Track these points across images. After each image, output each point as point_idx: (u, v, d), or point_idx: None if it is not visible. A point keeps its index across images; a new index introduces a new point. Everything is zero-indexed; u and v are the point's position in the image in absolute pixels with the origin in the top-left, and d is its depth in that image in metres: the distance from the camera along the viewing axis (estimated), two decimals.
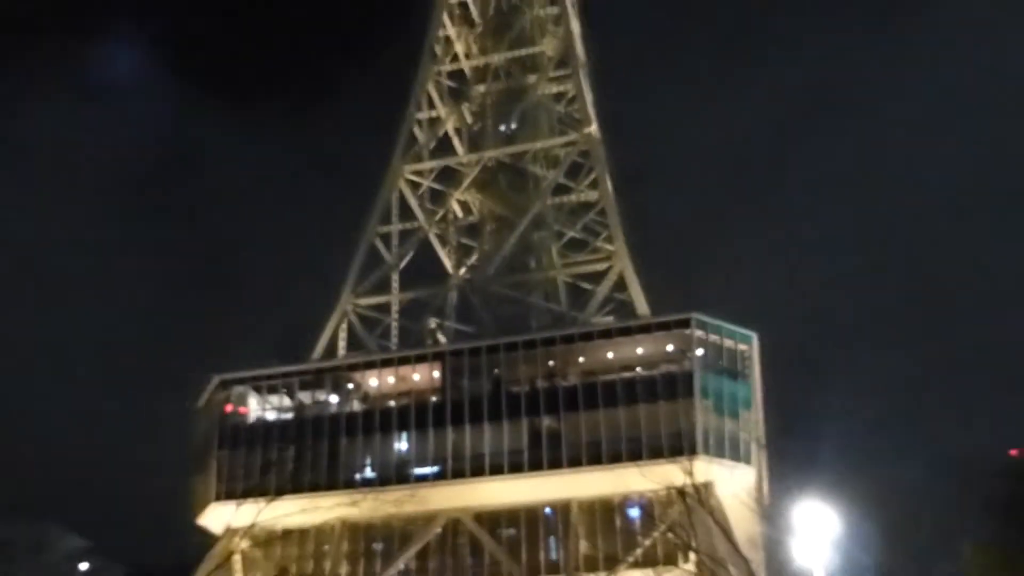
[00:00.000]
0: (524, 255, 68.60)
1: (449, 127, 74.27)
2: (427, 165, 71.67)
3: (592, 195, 68.62)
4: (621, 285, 62.70)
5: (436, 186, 71.84)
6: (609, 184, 67.09)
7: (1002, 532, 37.02)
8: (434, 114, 73.77)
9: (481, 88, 74.72)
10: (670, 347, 54.39)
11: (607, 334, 55.78)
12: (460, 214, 73.59)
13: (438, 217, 70.68)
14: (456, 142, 74.67)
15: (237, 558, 52.82)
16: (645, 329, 55.32)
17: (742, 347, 54.45)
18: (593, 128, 68.57)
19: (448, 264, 71.27)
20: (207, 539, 54.65)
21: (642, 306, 60.08)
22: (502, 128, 71.63)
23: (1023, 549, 35.96)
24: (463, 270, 70.65)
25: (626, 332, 55.38)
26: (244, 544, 50.86)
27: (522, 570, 52.59)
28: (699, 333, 53.23)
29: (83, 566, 61.46)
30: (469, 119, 75.53)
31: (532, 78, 72.78)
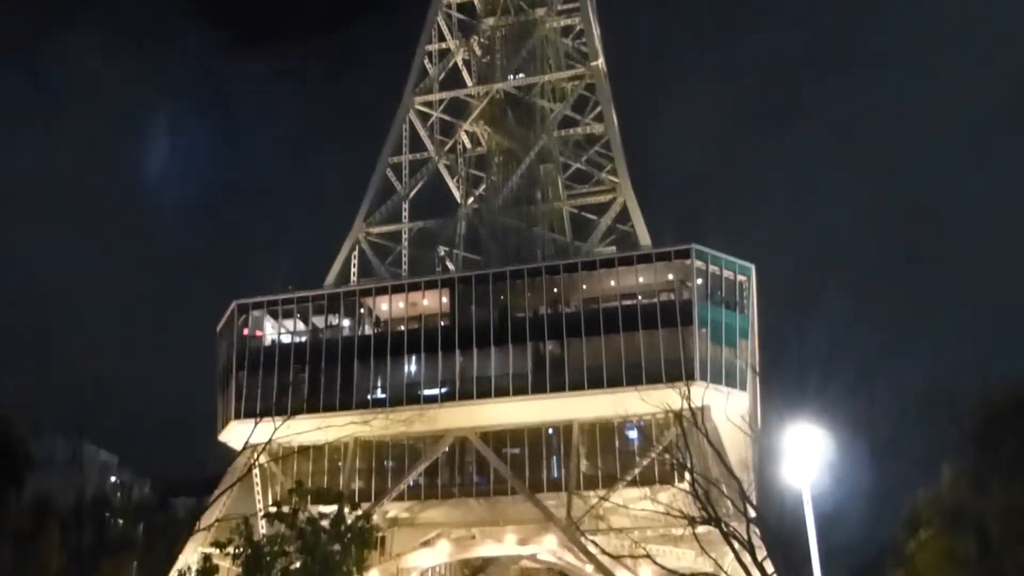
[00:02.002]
0: (530, 187, 69.65)
1: (458, 59, 74.87)
2: (436, 96, 72.26)
3: (598, 128, 69.45)
4: (624, 216, 64.06)
5: (445, 117, 72.54)
6: (614, 118, 68.09)
7: (977, 458, 38.68)
8: (444, 46, 74.33)
9: (490, 21, 74.95)
10: (670, 277, 55.67)
11: (609, 263, 57.06)
12: (469, 145, 74.62)
13: (447, 148, 71.64)
14: (465, 74, 75.39)
15: (256, 472, 55.33)
16: (646, 259, 56.37)
17: (741, 278, 55.75)
18: (600, 62, 69.17)
19: (457, 195, 72.48)
20: (229, 455, 57.11)
21: (644, 237, 61.39)
22: (510, 77, 71.93)
23: (994, 474, 37.80)
24: (471, 200, 71.88)
25: (628, 262, 56.49)
26: (263, 459, 53.15)
27: (525, 487, 54.89)
28: (699, 264, 54.46)
29: (112, 479, 64.24)
30: (478, 52, 75.99)
31: (540, 12, 73.03)
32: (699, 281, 54.33)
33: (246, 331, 59.95)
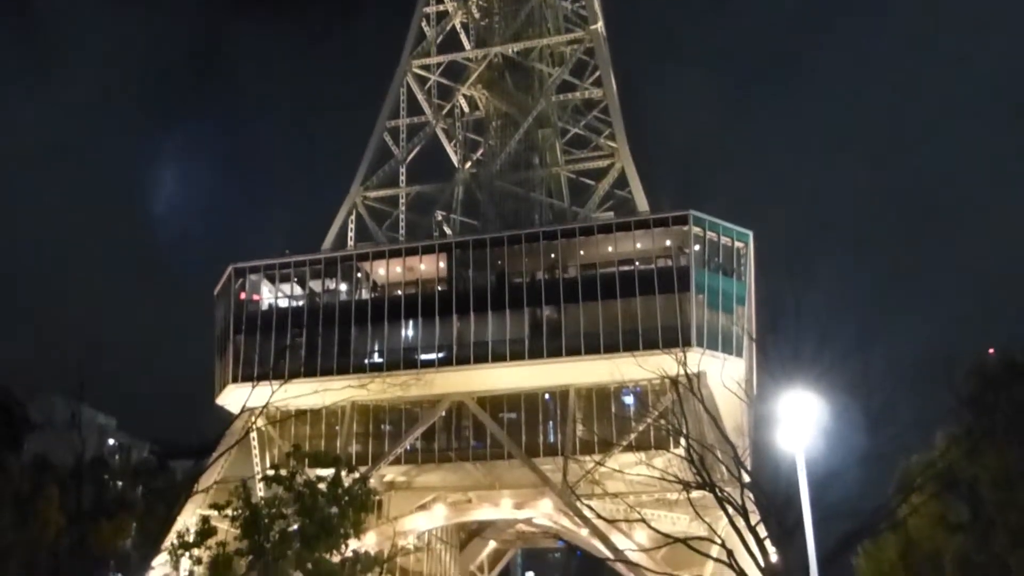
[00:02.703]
0: (528, 152, 69.46)
1: (456, 22, 74.21)
2: (434, 59, 71.80)
3: (596, 93, 69.04)
4: (622, 182, 63.96)
5: (443, 81, 72.18)
6: (613, 82, 67.66)
7: (971, 424, 38.88)
8: (441, 8, 73.63)
9: None
10: (668, 243, 55.73)
11: (607, 229, 56.97)
12: (467, 109, 74.22)
13: (445, 112, 71.24)
14: (463, 37, 74.76)
15: (253, 435, 55.58)
16: (644, 225, 56.38)
17: (738, 245, 55.76)
18: (599, 26, 68.67)
19: (455, 159, 72.22)
20: (227, 418, 57.31)
21: (642, 202, 61.35)
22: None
23: (987, 440, 38.02)
24: (469, 165, 71.63)
25: (625, 227, 56.47)
26: (260, 423, 53.36)
27: (522, 451, 55.18)
28: (696, 230, 54.47)
29: (111, 441, 64.56)
30: (476, 14, 75.32)
31: None
32: (696, 247, 54.34)
33: (243, 295, 59.95)
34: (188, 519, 44.50)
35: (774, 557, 31.78)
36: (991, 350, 52.02)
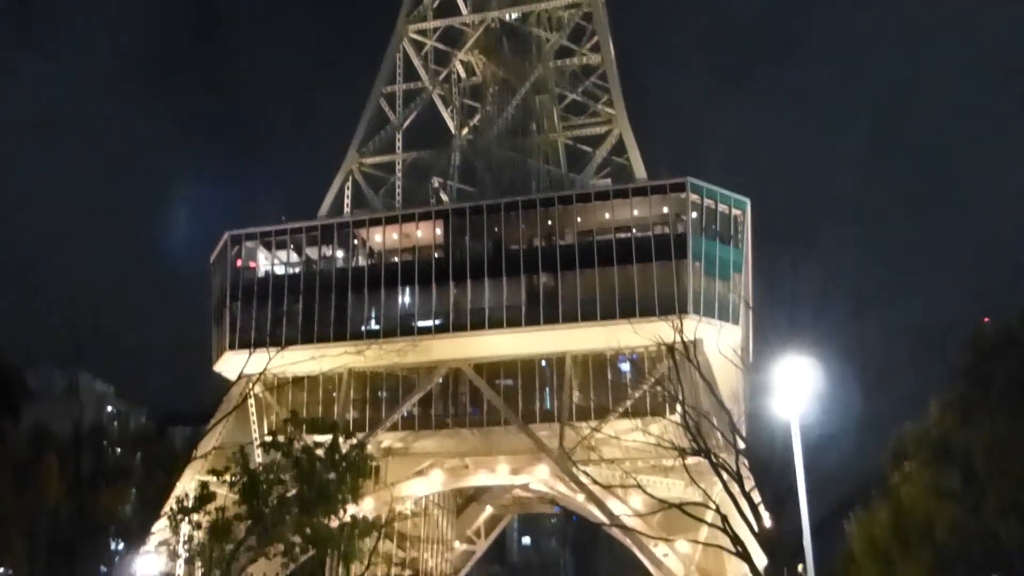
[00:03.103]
0: (525, 118, 68.92)
1: None
2: (431, 24, 70.98)
3: (594, 59, 68.45)
4: (620, 149, 63.73)
5: (440, 46, 71.45)
6: (611, 48, 67.15)
7: (965, 393, 39.09)
8: None
9: None
10: (665, 210, 55.56)
11: (604, 196, 56.87)
12: (463, 75, 73.59)
13: (442, 77, 70.70)
14: (460, 2, 73.91)
15: (251, 402, 55.80)
16: (641, 192, 56.10)
17: (736, 212, 55.59)
18: None
19: (451, 125, 71.75)
20: (224, 385, 57.46)
21: (639, 169, 61.16)
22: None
23: (981, 409, 38.24)
24: (466, 131, 71.20)
25: (623, 194, 56.26)
26: (257, 389, 53.56)
27: (518, 418, 55.38)
28: (694, 197, 54.23)
29: (109, 409, 64.77)
30: None
31: None
32: (694, 215, 54.22)
33: (239, 262, 59.88)
34: (187, 485, 44.82)
35: (768, 522, 32.10)
36: (986, 319, 52.23)
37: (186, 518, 30.95)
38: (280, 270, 60.10)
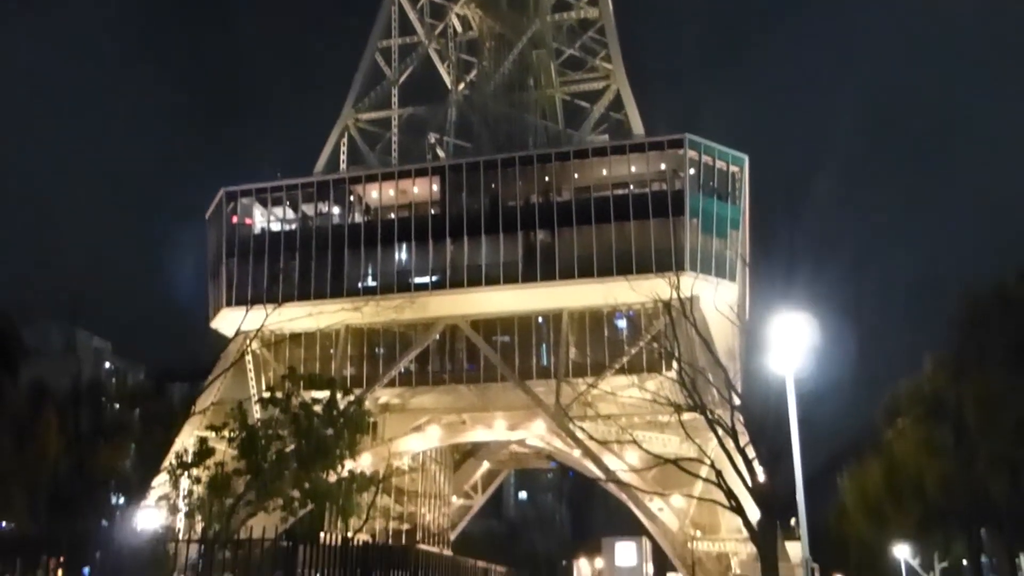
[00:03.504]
0: (522, 73, 68.40)
1: None
2: None
3: (592, 12, 67.76)
4: (617, 104, 63.32)
5: None
6: (609, 1, 66.44)
7: (960, 347, 39.28)
8: None
9: None
10: (663, 166, 55.43)
11: (601, 152, 56.63)
12: (460, 30, 72.80)
13: (438, 32, 69.97)
14: None
15: (249, 358, 55.91)
16: (639, 148, 56.02)
17: (733, 169, 55.49)
18: None
19: (447, 81, 71.15)
20: (221, 342, 57.56)
21: (637, 125, 60.86)
22: None
23: (974, 365, 38.44)
24: (462, 87, 70.64)
25: (620, 151, 56.04)
26: (255, 346, 53.62)
27: (515, 374, 55.74)
28: (692, 153, 54.13)
29: (107, 365, 64.86)
30: None
31: None
32: (691, 171, 54.11)
33: (235, 219, 59.71)
34: (186, 440, 45.04)
35: (761, 477, 32.40)
36: (984, 279, 52.28)
37: (185, 473, 31.10)
38: (276, 227, 59.91)
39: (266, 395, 42.47)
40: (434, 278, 55.94)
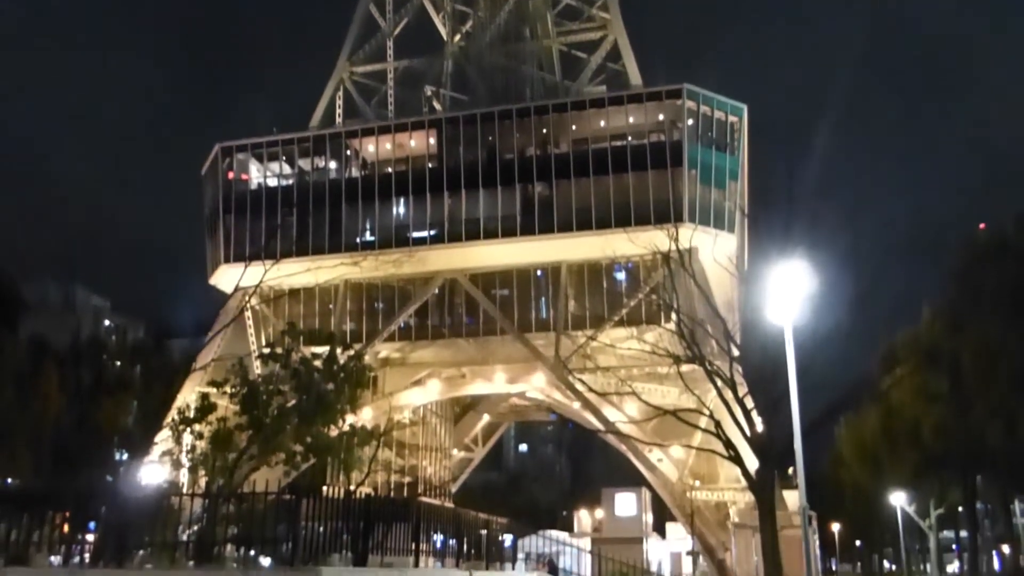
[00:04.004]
0: (519, 23, 67.62)
1: None
2: None
3: None
4: (615, 55, 62.67)
5: None
6: None
7: (957, 298, 39.40)
8: None
9: None
10: (661, 117, 55.02)
11: (599, 103, 56.10)
12: None
13: None
14: None
15: (248, 314, 55.95)
16: (637, 99, 55.47)
17: (732, 119, 55.04)
18: None
19: (443, 32, 70.38)
20: (220, 297, 57.55)
21: (635, 76, 60.25)
22: None
23: (972, 313, 38.59)
24: (458, 38, 69.91)
25: (618, 101, 55.53)
26: (254, 302, 53.62)
27: (514, 327, 55.82)
28: (690, 104, 53.70)
29: (106, 323, 64.86)
30: None
31: None
32: (690, 122, 53.74)
33: (231, 175, 59.39)
34: (188, 396, 45.26)
35: (760, 427, 32.64)
36: (982, 225, 52.31)
37: (188, 429, 31.25)
38: (273, 182, 59.62)
39: (266, 351, 42.71)
40: (432, 232, 55.77)
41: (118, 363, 54.52)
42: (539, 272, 57.26)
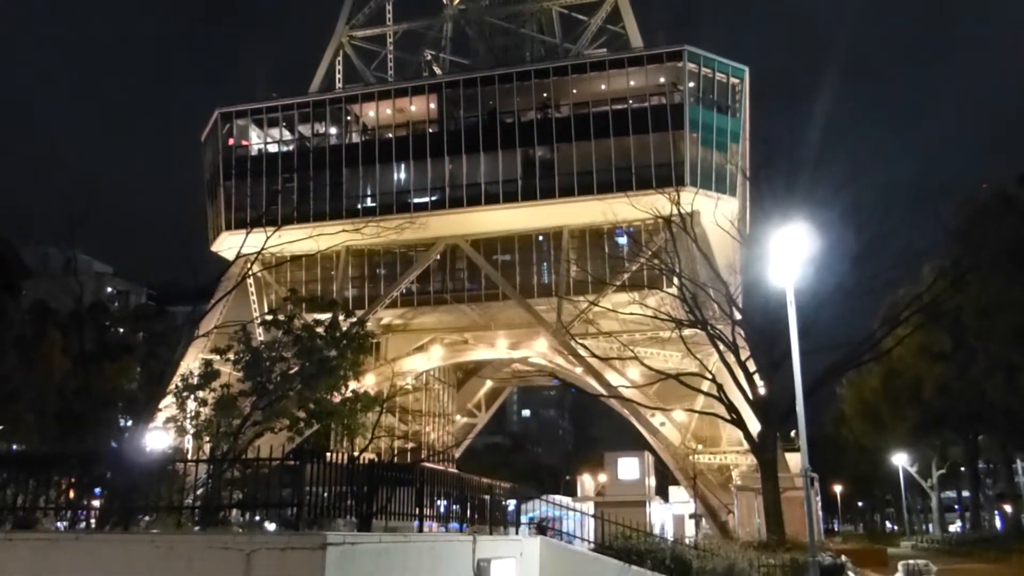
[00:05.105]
0: None
1: None
2: None
3: None
4: (615, 17, 62.17)
5: None
6: None
7: (959, 256, 39.32)
8: None
9: None
10: (662, 80, 54.62)
11: (600, 66, 55.67)
12: None
13: None
14: None
15: (250, 281, 56.01)
16: (637, 61, 55.06)
17: (733, 81, 54.66)
18: None
19: None
20: (221, 263, 57.47)
21: (636, 38, 59.85)
22: None
23: (974, 271, 38.53)
24: (457, 1, 69.32)
25: (618, 64, 55.15)
26: (256, 268, 53.60)
27: (516, 292, 55.93)
28: (691, 66, 53.28)
29: (109, 289, 64.89)
30: None
31: None
32: (691, 84, 53.39)
33: (231, 141, 59.15)
34: (191, 364, 45.40)
35: (762, 391, 32.79)
36: (984, 185, 52.10)
37: (192, 395, 31.35)
38: (273, 148, 59.40)
39: (269, 317, 42.76)
40: (433, 197, 55.64)
41: (121, 330, 54.65)
42: (540, 237, 57.18)
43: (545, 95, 55.90)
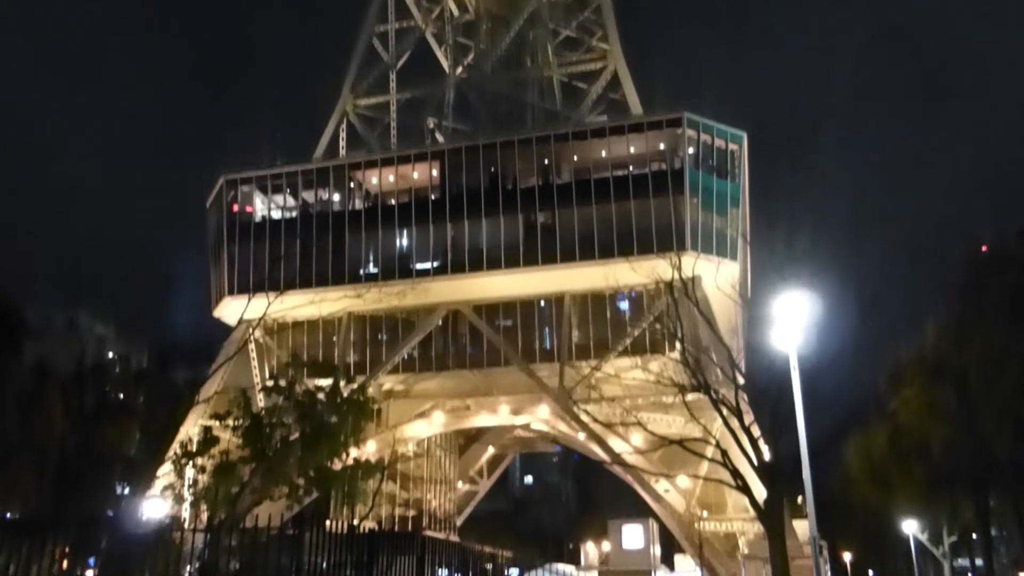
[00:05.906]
0: (520, 53, 68.20)
1: None
2: None
3: None
4: (615, 84, 63.06)
5: None
6: None
7: (961, 311, 39.22)
8: None
9: None
10: (662, 145, 55.21)
11: (600, 133, 56.28)
12: (456, 12, 72.43)
13: (434, 15, 69.70)
14: None
15: (252, 346, 55.93)
16: (637, 128, 55.67)
17: (732, 146, 55.22)
18: None
19: (445, 64, 70.93)
20: (224, 327, 57.51)
21: (635, 105, 60.58)
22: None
23: (976, 325, 38.39)
24: (460, 69, 70.41)
25: (619, 131, 55.77)
26: (257, 334, 53.62)
27: (519, 357, 55.72)
28: (690, 132, 53.86)
29: (111, 355, 64.63)
30: None
31: None
32: (691, 150, 53.89)
33: (236, 207, 59.56)
34: (190, 430, 45.08)
35: (767, 455, 32.38)
36: (984, 248, 52.24)
37: (191, 461, 31.11)
38: (277, 214, 59.77)
39: (269, 383, 42.62)
40: (435, 263, 55.80)
41: (121, 395, 54.24)
42: (543, 302, 57.16)
43: (546, 161, 56.39)
